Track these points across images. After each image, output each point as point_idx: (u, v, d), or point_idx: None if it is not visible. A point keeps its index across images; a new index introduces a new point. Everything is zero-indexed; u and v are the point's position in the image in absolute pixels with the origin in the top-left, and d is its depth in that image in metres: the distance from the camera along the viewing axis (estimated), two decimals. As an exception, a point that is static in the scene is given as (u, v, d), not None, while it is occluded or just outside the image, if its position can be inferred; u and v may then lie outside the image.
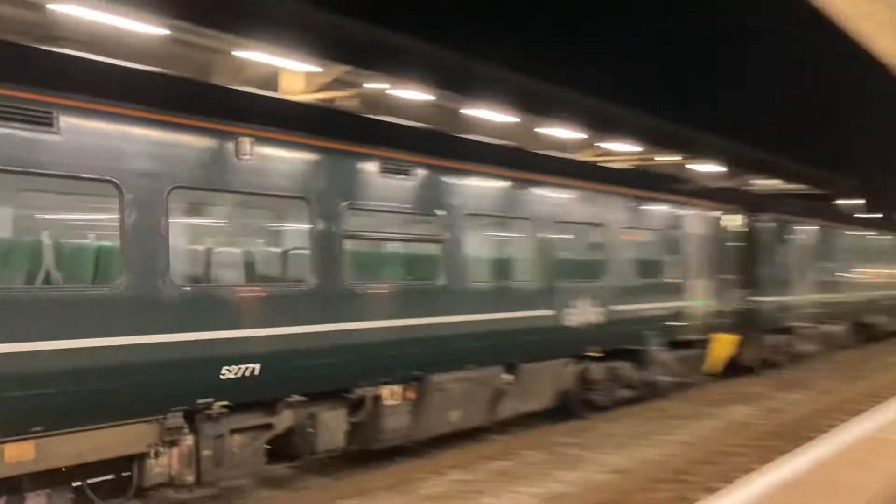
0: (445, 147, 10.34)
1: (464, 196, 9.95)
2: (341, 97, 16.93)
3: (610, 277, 12.39)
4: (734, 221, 16.30)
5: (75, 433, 6.40)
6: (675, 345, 13.90)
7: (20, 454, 6.08)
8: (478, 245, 10.62)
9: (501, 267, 11.21)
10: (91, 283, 6.85)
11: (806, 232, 20.01)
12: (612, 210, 12.59)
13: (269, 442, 7.98)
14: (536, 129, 22.53)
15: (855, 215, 30.01)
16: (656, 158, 26.88)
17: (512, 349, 10.45)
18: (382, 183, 9.01)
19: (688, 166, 27.40)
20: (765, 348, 17.55)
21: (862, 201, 37.03)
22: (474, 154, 10.66)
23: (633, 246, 13.11)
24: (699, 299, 14.70)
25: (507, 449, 10.59)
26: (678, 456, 10.57)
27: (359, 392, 8.58)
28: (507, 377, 10.41)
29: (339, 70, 16.18)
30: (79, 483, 6.77)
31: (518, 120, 20.47)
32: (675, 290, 14.09)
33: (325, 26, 14.24)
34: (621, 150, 25.81)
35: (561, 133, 22.51)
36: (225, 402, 7.34)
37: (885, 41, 12.20)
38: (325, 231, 8.23)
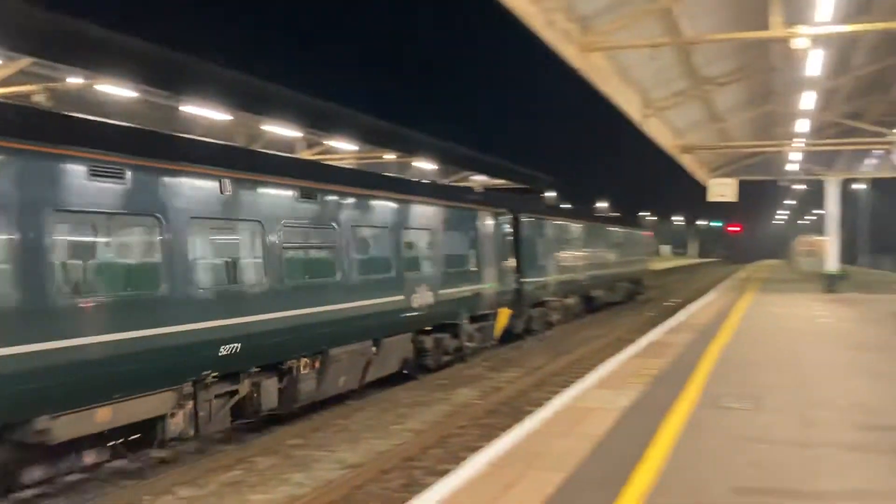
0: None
1: (362, 214, 13.30)
2: (27, 92, 15.27)
3: (436, 269, 15.67)
4: (506, 220, 20.05)
5: (132, 399, 8.46)
6: (474, 319, 17.59)
7: (104, 416, 8.19)
8: (361, 248, 13.41)
9: (373, 263, 13.74)
10: (149, 290, 8.77)
11: (552, 226, 24.74)
12: (434, 218, 15.90)
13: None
14: (261, 127, 22.11)
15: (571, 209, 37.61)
16: (384, 157, 27.66)
17: (378, 328, 13.27)
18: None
19: (409, 163, 28.55)
20: (528, 318, 22.06)
21: (554, 194, 42.30)
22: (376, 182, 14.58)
23: (448, 244, 16.47)
24: (489, 283, 18.25)
25: (240, 458, 10.24)
26: (409, 443, 10.94)
27: (288, 363, 11.04)
28: (374, 349, 13.20)
29: (26, 62, 14.57)
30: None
31: (232, 118, 19.93)
32: (475, 277, 17.61)
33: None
34: (342, 148, 26.23)
35: (281, 131, 22.28)
36: (215, 373, 9.58)
37: (566, 48, 13.61)
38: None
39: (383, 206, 14.03)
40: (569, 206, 41.70)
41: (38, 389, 7.38)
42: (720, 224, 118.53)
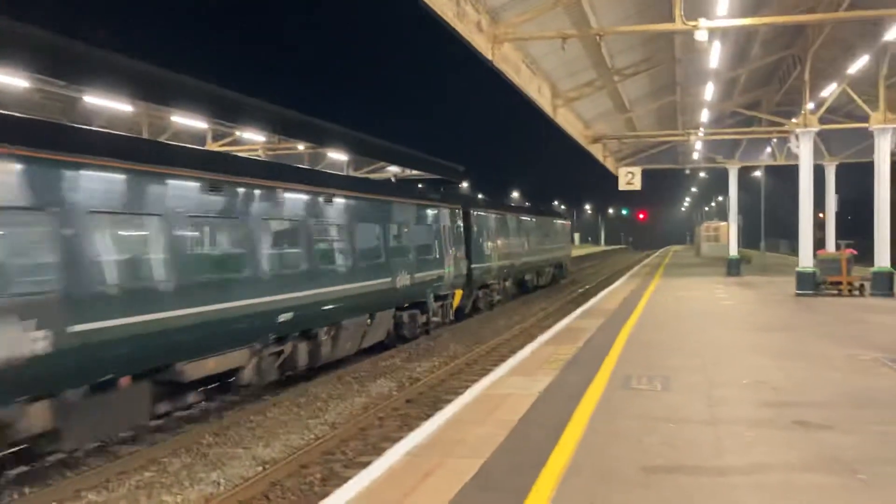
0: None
1: (363, 213, 16.40)
2: None
3: (411, 256, 18.60)
4: (459, 214, 23.01)
5: (226, 354, 11.27)
6: (437, 298, 20.71)
7: (212, 365, 10.99)
8: (364, 240, 16.39)
9: (371, 252, 16.64)
10: (234, 270, 11.64)
11: (493, 218, 27.50)
12: (410, 213, 19.13)
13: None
14: (168, 119, 21.44)
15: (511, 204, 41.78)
16: (297, 147, 27.23)
17: (373, 305, 16.32)
18: None
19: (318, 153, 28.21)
20: (475, 298, 25.38)
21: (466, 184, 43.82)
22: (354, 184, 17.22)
23: (420, 235, 19.58)
24: (448, 268, 21.30)
25: (151, 459, 9.94)
26: (328, 436, 10.86)
27: (315, 331, 13.96)
28: (368, 322, 16.18)
29: None
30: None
31: (133, 108, 19.26)
32: (439, 263, 20.63)
33: None
34: (251, 138, 25.72)
35: (186, 121, 21.67)
36: (274, 336, 12.52)
37: (477, 40, 13.71)
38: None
39: (377, 206, 17.38)
40: (505, 202, 46.24)
41: (178, 342, 10.20)
42: (626, 212, 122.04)
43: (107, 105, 18.00)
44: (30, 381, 8.02)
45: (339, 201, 15.36)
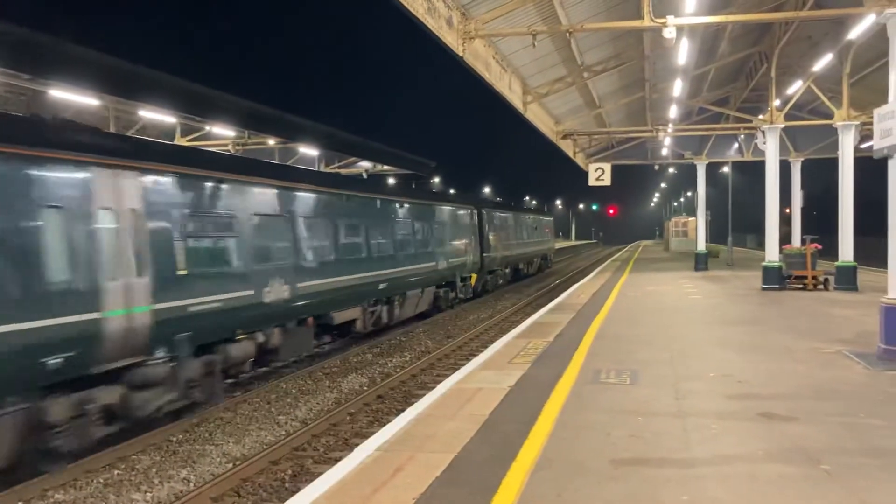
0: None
1: (425, 216, 22.91)
2: None
3: (447, 247, 24.67)
4: (475, 213, 29.07)
5: (351, 309, 16.95)
6: (462, 279, 26.79)
7: (346, 315, 16.71)
8: (423, 236, 22.40)
9: (425, 243, 22.42)
10: (361, 253, 17.72)
11: (497, 216, 33.31)
12: (446, 215, 25.09)
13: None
14: (136, 113, 21.19)
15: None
16: (268, 142, 27.03)
17: (424, 282, 22.16)
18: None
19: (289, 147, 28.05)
20: (485, 281, 30.81)
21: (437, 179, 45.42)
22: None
23: (451, 231, 25.39)
24: (469, 256, 27.47)
25: (120, 456, 9.85)
26: (299, 432, 10.84)
27: (394, 298, 19.85)
28: (420, 294, 21.84)
29: None
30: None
31: (100, 102, 19.00)
32: (464, 252, 26.89)
33: None
34: (220, 133, 25.50)
35: (156, 116, 21.44)
36: (374, 299, 18.41)
37: (448, 36, 13.71)
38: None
39: (425, 209, 23.13)
40: (505, 201, 52.78)
41: (333, 299, 15.85)
42: (596, 208, 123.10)
43: (73, 99, 17.74)
44: (277, 316, 13.50)
45: (407, 206, 21.21)
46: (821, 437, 7.18)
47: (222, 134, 25.63)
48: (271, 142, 27.17)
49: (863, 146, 24.92)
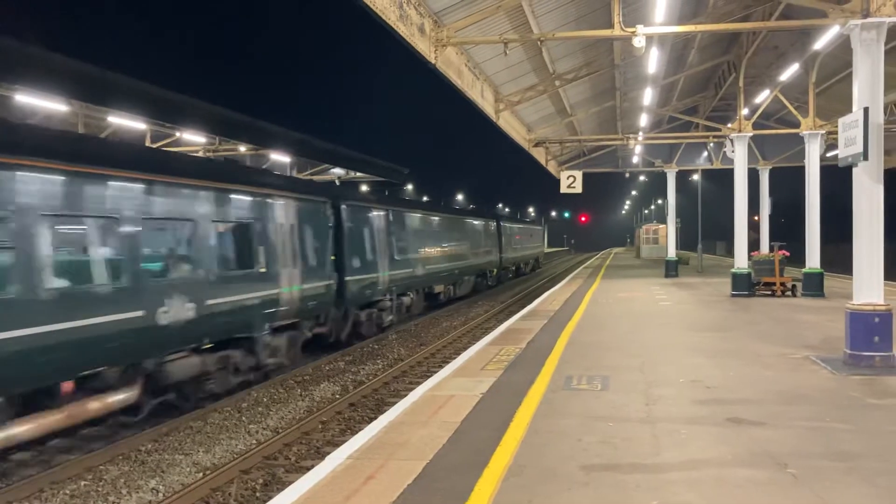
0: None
1: (462, 228, 34.87)
2: None
3: (481, 250, 36.10)
4: (496, 222, 41.17)
5: (442, 284, 29.46)
6: (489, 272, 39.05)
7: (439, 289, 28.88)
8: (472, 241, 35.28)
9: (471, 246, 34.41)
10: (450, 254, 31.05)
11: (506, 226, 43.76)
12: (476, 226, 36.50)
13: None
14: (105, 119, 20.95)
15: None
16: (239, 149, 26.85)
17: (467, 273, 33.06)
18: None
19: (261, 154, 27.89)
20: (499, 276, 41.82)
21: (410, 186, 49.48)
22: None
23: (480, 238, 36.55)
24: (493, 257, 39.22)
25: (88, 467, 9.70)
26: (271, 441, 10.76)
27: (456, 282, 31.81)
28: (466, 279, 33.00)
29: None
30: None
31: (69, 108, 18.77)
32: (490, 254, 38.27)
33: None
34: (191, 140, 25.29)
35: (126, 122, 21.21)
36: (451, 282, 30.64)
37: (421, 43, 13.75)
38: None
39: (469, 223, 35.12)
40: (513, 214, 72.80)
41: (438, 277, 27.71)
42: (568, 215, 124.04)
43: (41, 105, 17.49)
44: (404, 287, 23.06)
45: (465, 221, 34.82)
46: (788, 441, 7.28)
47: (193, 140, 25.43)
48: (242, 148, 27.00)
49: (828, 155, 25.36)
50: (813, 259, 23.34)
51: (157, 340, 11.08)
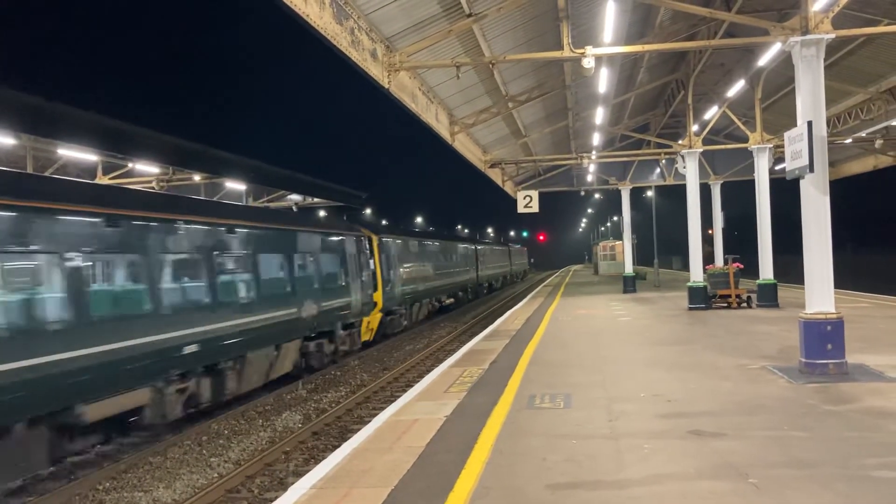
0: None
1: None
2: None
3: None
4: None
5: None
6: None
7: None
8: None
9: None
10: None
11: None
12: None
13: None
14: (54, 151, 20.56)
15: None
16: (194, 178, 26.53)
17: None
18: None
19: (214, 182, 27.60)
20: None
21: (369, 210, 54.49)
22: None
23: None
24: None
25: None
26: (232, 474, 10.57)
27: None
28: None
29: None
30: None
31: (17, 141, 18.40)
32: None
33: None
34: (144, 170, 24.94)
35: (76, 154, 20.83)
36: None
37: (373, 68, 13.78)
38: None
39: (453, 248, 40.83)
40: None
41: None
42: (526, 234, 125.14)
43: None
44: (412, 299, 29.77)
45: (451, 245, 40.60)
46: (748, 452, 7.37)
47: (146, 171, 25.08)
48: (197, 177, 26.71)
49: (777, 168, 25.99)
50: (766, 270, 23.81)
51: (299, 328, 17.43)
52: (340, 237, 21.14)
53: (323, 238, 19.69)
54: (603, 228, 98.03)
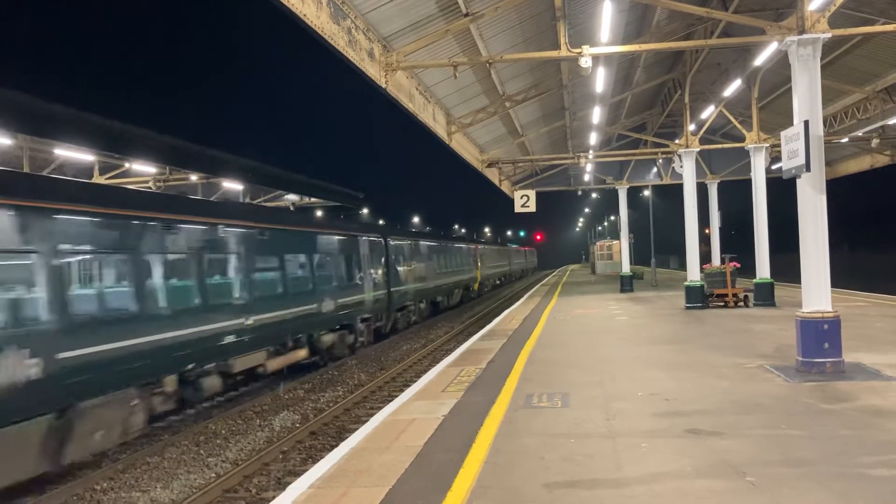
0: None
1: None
2: None
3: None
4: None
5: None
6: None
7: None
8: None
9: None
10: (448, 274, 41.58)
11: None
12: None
13: None
14: (51, 152, 20.55)
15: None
16: (190, 178, 26.53)
17: (459, 286, 40.69)
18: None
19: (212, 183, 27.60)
20: (482, 284, 51.82)
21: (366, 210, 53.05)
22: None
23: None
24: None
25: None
26: (230, 474, 10.56)
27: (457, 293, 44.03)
28: (454, 293, 39.88)
29: None
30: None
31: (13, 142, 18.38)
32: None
33: None
34: (141, 170, 24.94)
35: (73, 154, 20.82)
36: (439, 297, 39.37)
37: (371, 68, 13.78)
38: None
39: (457, 249, 40.84)
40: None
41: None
42: (523, 234, 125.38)
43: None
44: (420, 297, 31.05)
45: (455, 246, 41.40)
46: (745, 450, 7.39)
47: (143, 171, 25.08)
48: (194, 177, 26.71)
49: (773, 167, 26.02)
50: (763, 269, 23.84)
51: (317, 322, 18.95)
52: (365, 238, 23.70)
53: (353, 241, 22.51)
54: (600, 228, 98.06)
